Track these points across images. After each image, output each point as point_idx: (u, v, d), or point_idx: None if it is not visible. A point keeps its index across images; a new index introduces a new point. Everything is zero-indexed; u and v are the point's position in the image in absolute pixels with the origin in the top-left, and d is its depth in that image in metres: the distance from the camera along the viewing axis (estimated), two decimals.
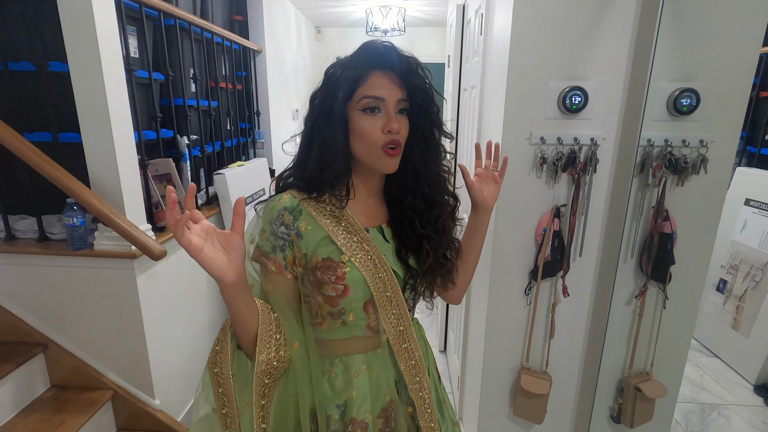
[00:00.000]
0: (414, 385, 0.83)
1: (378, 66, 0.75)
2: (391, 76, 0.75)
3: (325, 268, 0.75)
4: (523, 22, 1.15)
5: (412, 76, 0.76)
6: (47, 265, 1.59)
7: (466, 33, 2.01)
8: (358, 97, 0.74)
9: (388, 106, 0.74)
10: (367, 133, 0.74)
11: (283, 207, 0.75)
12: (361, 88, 0.74)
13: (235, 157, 2.72)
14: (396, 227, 0.83)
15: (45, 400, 1.63)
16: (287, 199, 0.76)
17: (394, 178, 0.82)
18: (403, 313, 0.80)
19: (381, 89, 0.74)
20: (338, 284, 0.75)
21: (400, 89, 0.75)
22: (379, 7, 3.83)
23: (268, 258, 0.75)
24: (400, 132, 0.75)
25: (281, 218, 0.75)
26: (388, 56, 0.75)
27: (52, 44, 1.48)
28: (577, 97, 1.18)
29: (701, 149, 1.19)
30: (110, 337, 1.66)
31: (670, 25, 1.10)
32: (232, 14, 2.87)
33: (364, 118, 0.74)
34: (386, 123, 0.74)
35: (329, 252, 0.75)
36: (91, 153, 1.49)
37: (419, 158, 0.80)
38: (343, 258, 0.75)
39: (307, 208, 0.76)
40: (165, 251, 1.54)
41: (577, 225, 1.27)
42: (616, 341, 1.34)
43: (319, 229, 0.76)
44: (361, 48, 0.77)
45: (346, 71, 0.75)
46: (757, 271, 2.08)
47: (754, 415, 1.88)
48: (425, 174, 0.81)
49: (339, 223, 0.77)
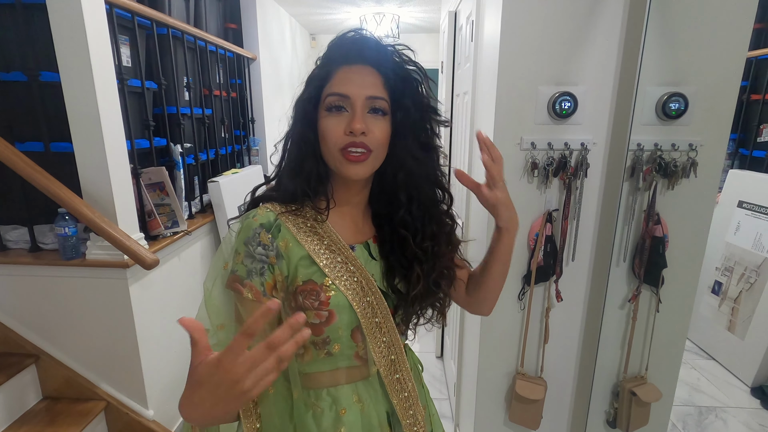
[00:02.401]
0: (407, 420, 0.74)
1: (346, 60, 0.66)
2: (363, 70, 0.66)
3: (307, 292, 0.66)
4: (512, 28, 1.16)
5: (393, 68, 0.67)
6: (39, 275, 1.58)
7: (458, 39, 2.02)
8: (324, 96, 0.66)
9: (355, 104, 0.64)
10: (328, 134, 0.65)
11: (259, 224, 0.66)
12: (327, 86, 0.66)
13: (230, 164, 2.72)
14: (385, 246, 0.74)
15: (37, 412, 1.61)
16: (262, 214, 0.67)
17: (382, 188, 0.73)
18: (394, 341, 0.72)
19: (346, 85, 0.65)
20: (322, 310, 0.66)
21: (374, 86, 0.65)
22: (373, 14, 3.85)
23: (243, 284, 0.64)
24: (368, 134, 0.64)
25: (257, 237, 0.65)
26: (356, 48, 0.67)
27: (44, 54, 1.48)
28: (567, 102, 1.19)
29: (690, 153, 1.19)
30: (103, 347, 1.64)
31: (657, 30, 1.11)
32: (227, 22, 2.88)
33: (328, 118, 0.66)
34: (348, 123, 0.64)
35: (310, 274, 0.67)
36: (83, 162, 1.48)
37: (412, 165, 0.69)
38: (326, 281, 0.66)
39: (286, 224, 0.67)
40: (157, 260, 1.53)
41: (569, 229, 1.27)
42: (610, 345, 1.34)
43: (299, 248, 0.67)
44: (330, 43, 0.69)
45: (318, 69, 0.68)
46: (752, 273, 2.08)
47: (751, 417, 1.88)
48: (419, 184, 0.71)
49: (321, 241, 0.68)
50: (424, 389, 0.86)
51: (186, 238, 1.95)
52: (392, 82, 0.67)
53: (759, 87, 2.21)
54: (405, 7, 3.69)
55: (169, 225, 1.88)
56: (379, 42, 0.68)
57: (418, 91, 0.69)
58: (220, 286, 0.67)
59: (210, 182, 2.23)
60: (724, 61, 1.15)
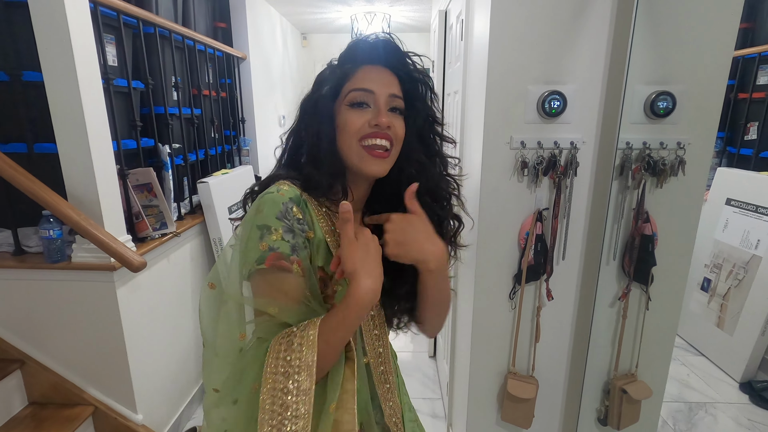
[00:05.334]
0: (387, 411, 0.76)
1: (367, 60, 0.68)
2: (383, 71, 0.68)
3: (318, 278, 0.66)
4: (501, 27, 1.16)
5: (409, 73, 0.70)
6: (23, 278, 1.55)
7: (449, 38, 2.02)
8: (345, 92, 0.67)
9: (379, 100, 0.66)
10: (350, 124, 0.65)
11: (289, 198, 0.63)
12: (348, 82, 0.67)
13: (220, 165, 2.69)
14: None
15: (22, 418, 1.58)
16: (287, 189, 0.64)
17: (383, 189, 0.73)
18: (383, 334, 0.74)
19: (370, 82, 0.66)
20: (327, 303, 0.67)
21: (394, 85, 0.68)
22: (364, 13, 3.84)
23: (290, 260, 0.61)
24: (391, 129, 0.65)
25: (290, 212, 0.63)
26: (378, 49, 0.69)
27: (26, 53, 1.46)
28: (556, 101, 1.19)
29: (679, 151, 1.20)
30: (90, 351, 1.62)
31: (645, 30, 1.12)
32: (216, 21, 2.85)
33: (350, 111, 0.66)
34: (374, 116, 0.65)
35: (323, 260, 0.67)
36: (68, 164, 1.45)
37: (415, 168, 0.70)
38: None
39: (309, 203, 0.67)
40: (145, 262, 1.51)
41: (559, 228, 1.28)
42: (601, 343, 1.35)
43: (319, 230, 0.67)
44: (349, 45, 0.71)
45: (335, 70, 0.70)
46: (740, 270, 2.11)
47: (740, 412, 1.90)
48: (426, 184, 0.70)
49: (333, 231, 0.68)
50: (399, 379, 0.86)
51: (175, 240, 1.92)
52: (406, 86, 0.69)
53: (746, 86, 2.25)
54: (396, 6, 3.69)
55: (157, 227, 1.85)
56: (398, 47, 0.70)
57: (426, 99, 0.72)
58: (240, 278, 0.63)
59: (199, 183, 2.20)
60: (711, 60, 1.16)
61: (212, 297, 0.66)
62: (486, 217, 1.28)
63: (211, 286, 0.67)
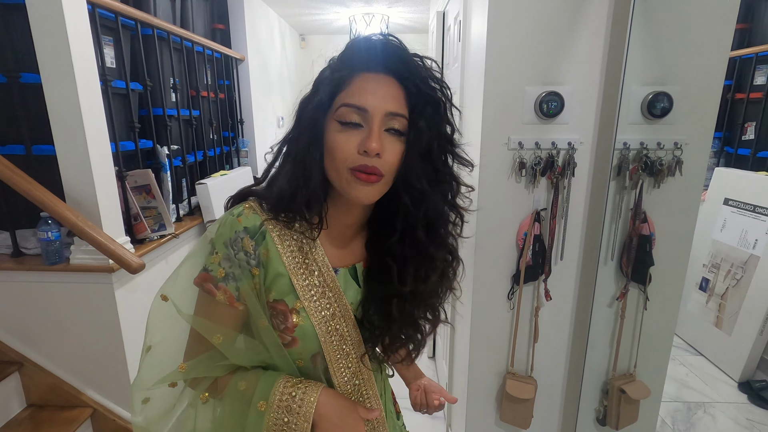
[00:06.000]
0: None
1: (368, 67, 0.58)
2: (385, 80, 0.58)
3: (276, 311, 0.62)
4: (498, 28, 1.16)
5: (417, 84, 0.58)
6: (22, 280, 1.55)
7: (447, 40, 2.02)
8: (336, 105, 0.58)
9: (372, 120, 0.56)
10: (338, 150, 0.57)
11: (243, 228, 0.60)
12: (341, 93, 0.58)
13: (219, 166, 2.69)
14: (372, 273, 0.68)
15: (21, 420, 1.57)
16: (249, 216, 0.61)
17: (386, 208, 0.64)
18: (361, 369, 0.68)
19: (365, 96, 0.56)
20: (287, 334, 0.62)
21: (395, 100, 0.58)
22: (363, 14, 3.85)
23: (217, 286, 0.59)
24: (382, 155, 0.57)
25: (239, 242, 0.59)
26: (379, 54, 0.58)
27: (24, 55, 1.46)
28: (554, 102, 1.19)
29: (676, 151, 1.20)
30: (88, 353, 1.61)
31: (642, 30, 1.12)
32: (214, 23, 2.86)
33: (340, 132, 0.57)
34: (363, 141, 0.56)
35: (283, 294, 0.62)
36: (66, 165, 1.45)
37: (414, 194, 0.60)
38: (297, 304, 0.62)
39: (271, 233, 0.61)
40: (143, 264, 1.51)
41: (557, 229, 1.28)
42: (599, 343, 1.35)
43: (279, 262, 0.61)
44: (348, 45, 0.61)
45: (334, 73, 0.60)
46: (738, 269, 2.11)
47: (738, 412, 1.90)
48: (424, 216, 0.62)
49: (303, 259, 0.63)
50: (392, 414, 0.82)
51: (173, 242, 1.92)
52: (414, 99, 0.59)
53: (743, 86, 2.25)
54: (394, 7, 3.69)
55: (155, 228, 1.85)
56: (406, 51, 0.60)
57: (438, 115, 0.60)
58: (187, 281, 0.62)
59: (198, 184, 2.20)
60: (707, 60, 1.16)
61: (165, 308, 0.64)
62: (484, 217, 1.28)
63: (163, 298, 0.64)
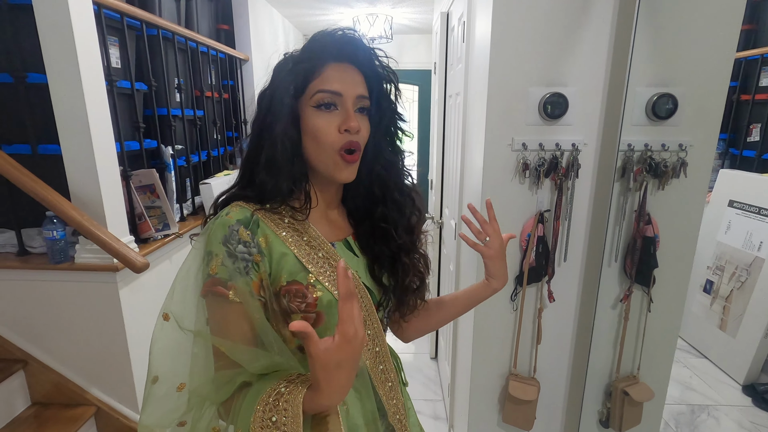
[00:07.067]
0: (391, 409, 0.75)
1: (335, 57, 0.66)
2: (350, 69, 0.67)
3: (292, 294, 0.64)
4: (503, 29, 1.16)
5: (376, 70, 0.69)
6: (27, 279, 1.56)
7: (451, 40, 2.02)
8: (311, 92, 0.65)
9: (346, 103, 0.65)
10: (322, 133, 0.64)
11: (236, 221, 0.62)
12: (314, 81, 0.65)
13: (222, 166, 2.70)
14: (367, 241, 0.75)
15: (25, 418, 1.58)
16: (237, 211, 0.64)
17: (355, 187, 0.74)
18: (378, 334, 0.72)
19: (338, 83, 0.65)
20: (310, 312, 0.64)
21: (361, 85, 0.67)
22: (366, 15, 3.85)
23: (227, 286, 0.60)
24: (359, 133, 0.66)
25: (236, 235, 0.61)
26: (347, 47, 0.66)
27: (31, 55, 1.46)
28: (558, 103, 1.19)
29: (680, 153, 1.20)
30: (93, 351, 1.62)
31: (646, 31, 1.12)
32: (218, 23, 2.87)
33: (318, 115, 0.65)
34: (344, 120, 0.64)
35: (294, 272, 0.64)
36: (71, 165, 1.46)
37: (386, 163, 0.73)
38: (310, 278, 0.64)
39: (264, 220, 0.65)
40: (147, 263, 1.51)
41: (560, 230, 1.27)
42: (603, 345, 1.34)
43: (280, 244, 0.64)
44: (314, 37, 0.68)
45: (298, 64, 0.66)
46: (742, 272, 2.09)
47: (743, 415, 1.89)
48: (394, 180, 0.74)
49: (301, 237, 0.66)
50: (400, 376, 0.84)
51: (177, 241, 1.93)
52: (372, 83, 0.69)
53: (749, 87, 2.23)
54: (398, 8, 3.69)
55: (159, 228, 1.86)
56: (365, 43, 0.69)
57: (390, 94, 0.72)
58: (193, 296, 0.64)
59: (202, 184, 2.21)
60: (712, 61, 1.15)
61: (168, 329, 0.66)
62: None
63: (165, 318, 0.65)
